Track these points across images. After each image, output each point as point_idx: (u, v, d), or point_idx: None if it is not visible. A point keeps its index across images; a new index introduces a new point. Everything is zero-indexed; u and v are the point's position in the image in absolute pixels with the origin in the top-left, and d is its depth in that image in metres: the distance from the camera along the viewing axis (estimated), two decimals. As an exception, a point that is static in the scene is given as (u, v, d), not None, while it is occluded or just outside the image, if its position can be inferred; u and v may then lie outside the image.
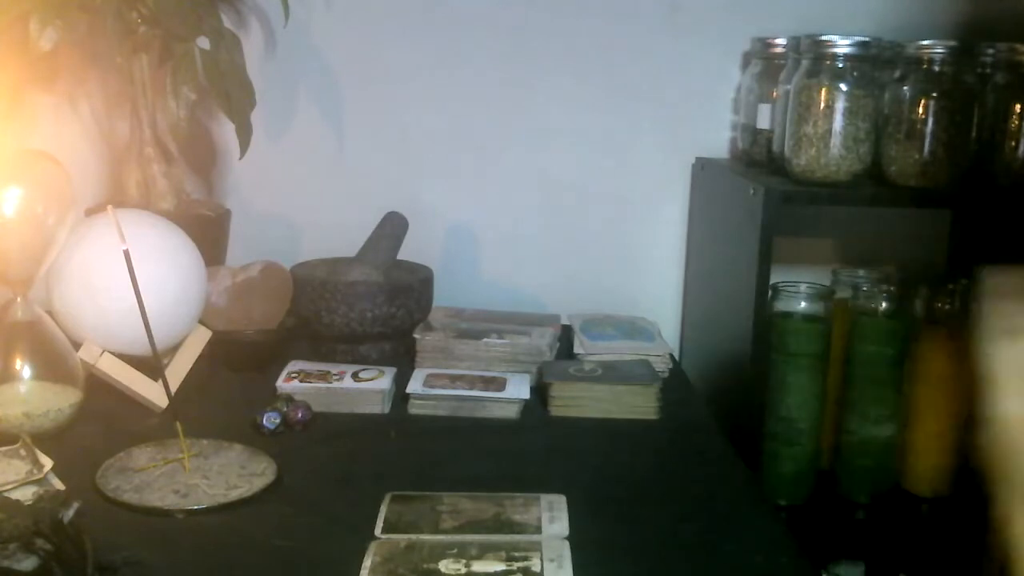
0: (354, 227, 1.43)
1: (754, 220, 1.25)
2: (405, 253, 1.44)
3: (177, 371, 1.18)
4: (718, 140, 1.57)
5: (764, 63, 1.44)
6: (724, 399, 1.35)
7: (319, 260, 1.46)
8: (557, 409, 1.22)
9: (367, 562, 0.84)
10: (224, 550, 0.87)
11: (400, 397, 1.22)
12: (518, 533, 0.90)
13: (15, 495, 0.87)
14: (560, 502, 0.96)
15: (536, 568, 0.83)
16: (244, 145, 1.36)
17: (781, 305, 1.30)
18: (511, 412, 1.20)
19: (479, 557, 0.85)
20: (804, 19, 1.46)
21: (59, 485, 0.93)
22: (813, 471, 1.32)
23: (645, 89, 1.56)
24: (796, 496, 1.31)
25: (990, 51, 1.33)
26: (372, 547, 0.86)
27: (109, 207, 1.07)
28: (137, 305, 0.99)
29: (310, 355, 1.34)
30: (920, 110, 1.28)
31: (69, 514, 0.76)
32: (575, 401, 1.22)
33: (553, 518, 0.92)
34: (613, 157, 1.58)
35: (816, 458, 1.31)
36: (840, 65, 1.27)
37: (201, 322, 1.24)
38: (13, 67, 1.30)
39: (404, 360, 1.33)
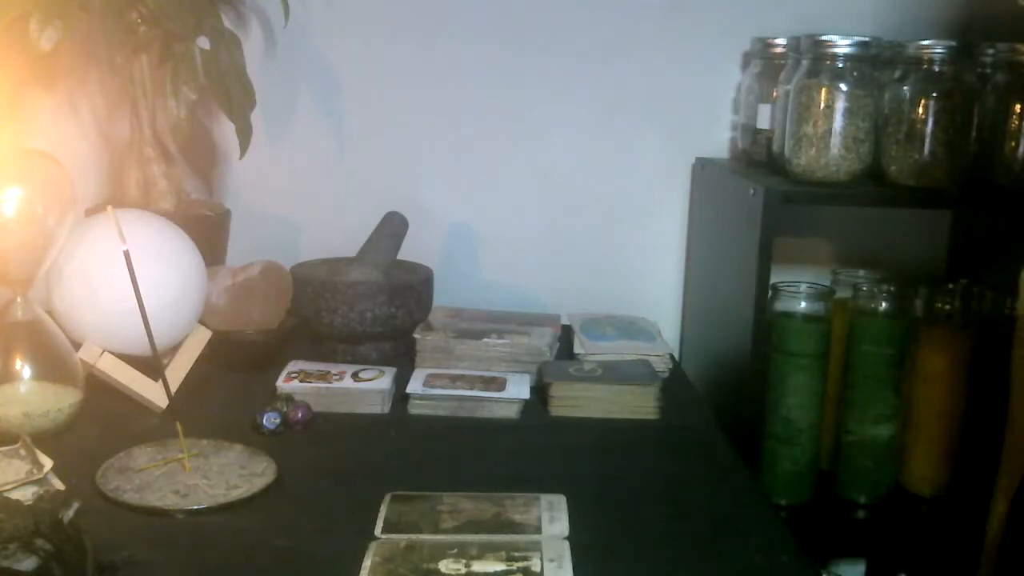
0: (354, 227, 1.43)
1: (754, 220, 1.25)
2: (405, 253, 1.44)
3: (177, 371, 1.18)
4: (718, 140, 1.57)
5: (764, 63, 1.44)
6: (724, 399, 1.35)
7: (319, 260, 1.46)
8: (557, 409, 1.22)
9: (367, 562, 0.84)
10: (224, 550, 0.87)
11: (400, 397, 1.22)
12: (518, 533, 0.89)
13: (15, 495, 0.87)
14: (560, 502, 0.96)
15: (536, 568, 0.83)
16: (244, 145, 1.36)
17: (781, 305, 1.30)
18: (511, 412, 1.20)
19: (479, 557, 0.85)
20: (804, 19, 1.46)
21: (59, 485, 0.93)
22: (813, 471, 1.32)
23: (645, 89, 1.56)
24: (796, 496, 1.31)
25: (990, 51, 1.33)
26: (372, 547, 0.86)
27: (109, 207, 1.07)
28: (137, 305, 0.99)
29: (310, 355, 1.34)
30: (920, 110, 1.28)
31: (69, 514, 0.76)
32: (575, 401, 1.22)
33: (553, 518, 0.92)
34: (613, 157, 1.58)
35: (816, 458, 1.31)
36: (840, 65, 1.27)
37: (201, 322, 1.24)
38: (13, 67, 1.30)
39: (404, 360, 1.33)
